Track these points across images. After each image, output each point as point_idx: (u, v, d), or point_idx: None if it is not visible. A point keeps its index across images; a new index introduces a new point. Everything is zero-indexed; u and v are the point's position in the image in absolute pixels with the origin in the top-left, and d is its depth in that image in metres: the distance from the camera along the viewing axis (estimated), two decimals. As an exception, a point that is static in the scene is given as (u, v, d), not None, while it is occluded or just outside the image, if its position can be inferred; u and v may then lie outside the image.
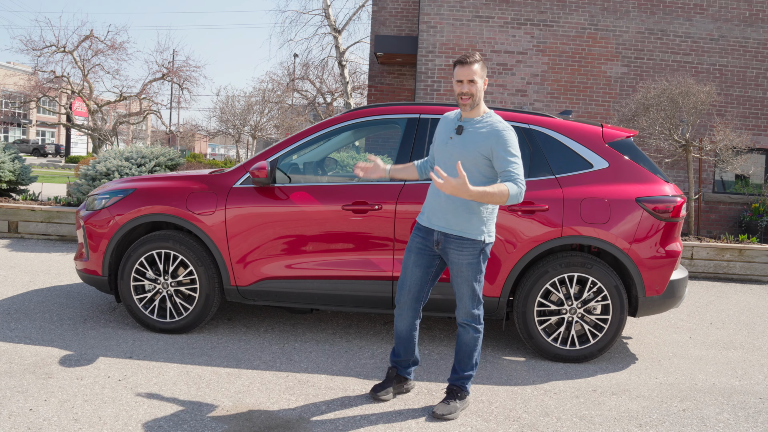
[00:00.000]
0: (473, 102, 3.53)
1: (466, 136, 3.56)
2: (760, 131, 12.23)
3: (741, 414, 3.90)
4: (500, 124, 3.53)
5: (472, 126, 3.57)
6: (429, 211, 3.69)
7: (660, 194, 4.63)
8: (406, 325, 3.79)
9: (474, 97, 3.52)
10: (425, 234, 3.70)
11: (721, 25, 12.16)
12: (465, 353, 3.72)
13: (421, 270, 3.71)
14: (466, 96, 3.52)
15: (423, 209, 3.78)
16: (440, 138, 3.71)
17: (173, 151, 9.97)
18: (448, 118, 3.77)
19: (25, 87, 27.61)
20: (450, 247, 3.61)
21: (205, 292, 4.82)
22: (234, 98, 36.03)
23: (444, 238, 3.63)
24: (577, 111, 12.22)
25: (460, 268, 3.60)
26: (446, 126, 3.72)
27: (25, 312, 5.27)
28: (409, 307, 3.77)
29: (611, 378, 4.43)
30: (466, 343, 3.71)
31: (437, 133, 3.76)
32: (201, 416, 3.46)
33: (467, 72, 3.49)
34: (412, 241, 3.76)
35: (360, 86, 28.01)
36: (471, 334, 3.69)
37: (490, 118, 3.58)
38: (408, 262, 3.74)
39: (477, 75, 3.49)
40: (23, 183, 10.75)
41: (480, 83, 3.52)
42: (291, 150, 4.91)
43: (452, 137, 3.60)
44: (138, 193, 4.93)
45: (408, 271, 3.74)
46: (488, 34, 12.31)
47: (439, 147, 3.68)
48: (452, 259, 3.63)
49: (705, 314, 6.56)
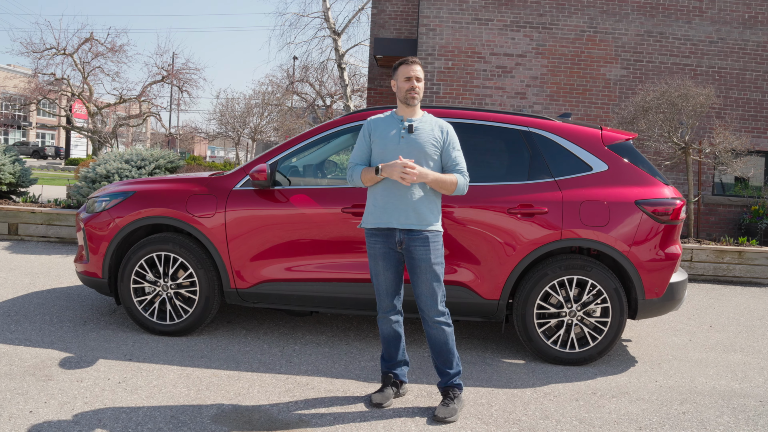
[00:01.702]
0: (419, 98, 3.71)
1: (417, 134, 3.67)
2: (759, 134, 12.24)
3: (741, 417, 3.90)
4: (444, 121, 3.80)
5: (420, 123, 3.71)
6: (381, 212, 3.65)
7: (659, 197, 4.64)
8: (391, 326, 3.80)
9: (419, 94, 3.71)
10: (384, 237, 3.67)
11: (720, 27, 12.18)
12: (445, 351, 3.70)
13: (392, 272, 3.72)
14: (413, 91, 3.68)
15: (371, 212, 3.70)
16: (387, 138, 3.69)
17: (173, 154, 9.98)
18: (381, 119, 3.79)
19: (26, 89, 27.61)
20: (415, 244, 3.61)
21: (205, 294, 4.82)
22: (233, 101, 36.05)
23: (407, 237, 3.62)
24: (576, 114, 12.23)
25: (428, 264, 3.61)
26: (388, 126, 3.73)
27: (25, 314, 5.28)
28: (390, 309, 3.78)
29: (611, 381, 4.43)
30: (443, 342, 3.69)
31: (378, 135, 3.71)
32: (201, 418, 3.46)
33: (414, 70, 3.69)
34: (372, 247, 3.71)
35: (359, 89, 28.02)
36: (444, 329, 3.68)
37: (430, 117, 3.80)
38: (377, 269, 3.72)
39: (421, 74, 3.73)
40: (23, 185, 10.76)
41: (423, 83, 3.76)
42: (291, 153, 4.91)
43: (404, 136, 3.66)
44: (138, 195, 4.94)
45: (381, 277, 3.73)
46: (487, 36, 12.33)
47: (389, 146, 3.66)
48: (418, 255, 3.61)
49: (705, 317, 6.56)
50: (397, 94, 3.76)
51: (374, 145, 3.72)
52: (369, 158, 3.77)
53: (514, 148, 4.82)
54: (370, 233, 3.73)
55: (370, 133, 3.76)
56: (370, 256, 3.75)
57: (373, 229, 3.71)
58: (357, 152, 3.79)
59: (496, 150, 4.92)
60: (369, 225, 3.72)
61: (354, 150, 3.82)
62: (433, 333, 3.69)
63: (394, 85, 3.77)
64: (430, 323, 3.67)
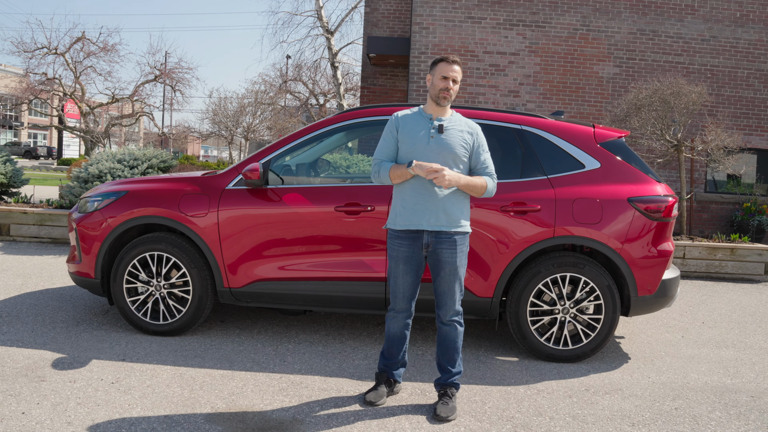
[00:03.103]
0: (451, 99, 3.65)
1: (447, 134, 3.62)
2: (751, 131, 12.30)
3: (733, 412, 3.92)
4: (472, 122, 3.76)
5: (450, 124, 3.66)
6: (411, 213, 3.59)
7: (652, 194, 4.65)
8: (400, 326, 3.79)
9: (453, 96, 3.66)
10: (411, 239, 3.61)
11: (712, 25, 12.22)
12: (452, 349, 3.73)
13: (412, 276, 3.69)
14: (447, 92, 3.61)
15: (399, 213, 3.63)
16: (416, 137, 3.61)
17: (166, 153, 9.95)
18: (409, 117, 3.70)
19: (17, 89, 27.47)
20: (442, 246, 3.59)
21: (198, 294, 4.81)
22: (226, 100, 35.95)
23: (435, 239, 3.60)
24: (569, 111, 12.26)
25: (453, 267, 3.61)
26: (417, 125, 3.65)
27: (17, 315, 5.25)
28: (403, 309, 3.76)
29: (604, 377, 4.44)
30: (452, 340, 3.71)
31: (406, 133, 3.63)
32: (194, 418, 3.46)
33: (454, 70, 3.62)
34: (396, 250, 3.65)
35: (353, 87, 28.01)
36: (457, 329, 3.71)
37: (459, 117, 3.74)
38: (397, 271, 3.67)
39: (459, 75, 3.66)
40: (15, 185, 10.70)
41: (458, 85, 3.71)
42: (284, 152, 4.91)
43: (433, 136, 3.60)
44: (130, 195, 4.92)
45: (399, 280, 3.69)
46: (480, 35, 12.34)
47: (418, 146, 3.58)
48: (445, 258, 3.60)
49: (697, 313, 6.59)
50: (429, 90, 3.67)
51: (402, 144, 3.64)
52: (395, 154, 3.68)
53: (507, 146, 4.82)
54: (395, 234, 3.66)
55: (398, 129, 3.67)
56: (391, 257, 3.69)
57: (400, 231, 3.64)
58: (383, 148, 3.69)
59: (489, 148, 4.91)
60: (398, 227, 3.63)
61: (379, 146, 3.72)
62: (445, 330, 3.71)
63: (429, 80, 3.69)
64: (446, 321, 3.69)
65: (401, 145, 3.65)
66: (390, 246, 3.70)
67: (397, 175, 3.57)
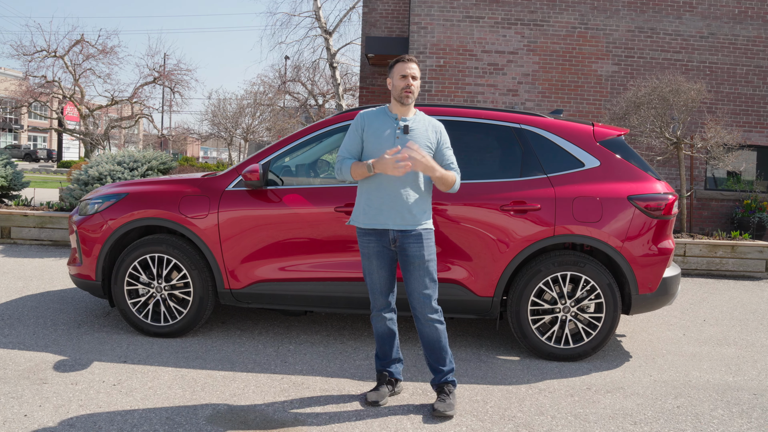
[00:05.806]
0: (414, 97, 3.68)
1: (412, 135, 3.64)
2: (750, 128, 12.30)
3: (735, 410, 3.92)
4: (435, 120, 3.81)
5: (414, 124, 3.69)
6: (377, 212, 3.62)
7: (652, 192, 4.65)
8: (386, 323, 3.80)
9: (415, 93, 3.68)
10: (378, 235, 3.66)
11: (710, 22, 12.22)
12: (438, 348, 3.71)
13: (386, 270, 3.72)
14: (409, 89, 3.64)
15: (364, 211, 3.66)
16: (381, 137, 3.64)
17: (165, 155, 9.96)
18: (374, 114, 3.73)
19: (16, 92, 27.51)
20: (408, 242, 3.61)
21: (199, 295, 4.81)
22: (225, 101, 35.94)
23: (401, 235, 3.62)
24: (568, 110, 12.26)
25: (422, 260, 3.61)
26: (382, 124, 3.67)
27: (18, 318, 5.25)
28: (384, 307, 3.78)
29: (605, 376, 4.44)
30: (436, 340, 3.69)
31: (371, 132, 3.66)
32: (196, 419, 3.46)
33: (411, 68, 3.65)
34: (366, 246, 3.69)
35: (351, 88, 28.01)
36: (437, 327, 3.68)
37: (423, 116, 3.77)
38: (371, 267, 3.71)
39: (418, 72, 3.69)
40: (15, 188, 10.71)
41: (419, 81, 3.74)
42: (283, 153, 4.91)
43: (399, 136, 3.63)
44: (131, 197, 4.92)
45: (374, 276, 3.72)
46: (479, 34, 12.34)
47: (384, 146, 3.61)
48: (412, 252, 3.61)
49: (698, 311, 6.59)
50: (392, 92, 3.71)
51: (367, 143, 3.68)
52: (359, 152, 3.71)
53: (506, 145, 4.82)
54: (362, 232, 3.71)
55: (363, 128, 3.70)
56: (363, 255, 3.73)
57: (366, 229, 3.69)
58: (347, 145, 3.72)
59: (489, 147, 4.93)
60: (362, 225, 3.69)
61: (344, 142, 3.75)
62: (426, 331, 3.69)
63: (389, 83, 3.73)
64: (423, 321, 3.67)
65: (366, 144, 3.69)
66: (360, 244, 3.75)
67: (358, 173, 3.61)
